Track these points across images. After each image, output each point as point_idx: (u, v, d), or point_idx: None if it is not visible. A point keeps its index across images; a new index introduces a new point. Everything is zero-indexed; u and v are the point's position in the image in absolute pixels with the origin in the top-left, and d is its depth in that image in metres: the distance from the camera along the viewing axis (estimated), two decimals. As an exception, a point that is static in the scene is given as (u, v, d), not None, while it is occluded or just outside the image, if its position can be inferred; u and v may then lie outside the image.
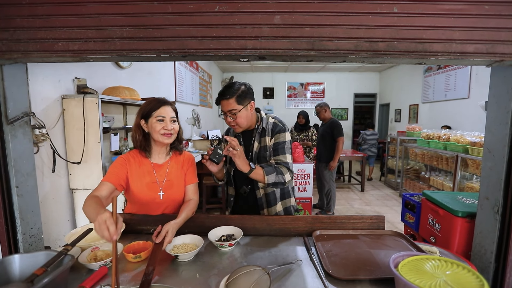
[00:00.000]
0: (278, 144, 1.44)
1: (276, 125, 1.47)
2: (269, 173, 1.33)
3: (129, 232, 1.23)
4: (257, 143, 1.46)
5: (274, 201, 1.47)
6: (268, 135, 1.45)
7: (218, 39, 1.17)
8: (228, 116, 1.38)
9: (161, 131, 1.27)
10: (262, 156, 1.45)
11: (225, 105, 1.37)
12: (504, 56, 1.13)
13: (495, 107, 1.30)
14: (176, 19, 1.18)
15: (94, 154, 1.91)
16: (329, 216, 1.21)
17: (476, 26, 1.14)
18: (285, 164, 1.41)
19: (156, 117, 1.27)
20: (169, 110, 1.31)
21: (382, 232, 1.16)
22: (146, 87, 3.35)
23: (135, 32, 1.21)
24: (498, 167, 1.28)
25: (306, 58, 1.17)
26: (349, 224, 1.21)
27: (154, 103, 1.31)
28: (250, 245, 1.13)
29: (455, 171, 3.37)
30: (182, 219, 1.19)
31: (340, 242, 1.09)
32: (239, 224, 1.21)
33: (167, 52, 1.19)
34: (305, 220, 1.22)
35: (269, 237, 1.21)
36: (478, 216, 1.38)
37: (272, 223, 1.22)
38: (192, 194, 1.39)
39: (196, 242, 1.09)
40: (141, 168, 1.32)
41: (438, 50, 1.15)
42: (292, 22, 1.14)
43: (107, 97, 1.97)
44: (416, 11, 1.13)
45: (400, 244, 1.09)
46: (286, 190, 1.54)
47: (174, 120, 1.32)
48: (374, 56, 1.15)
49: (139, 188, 1.30)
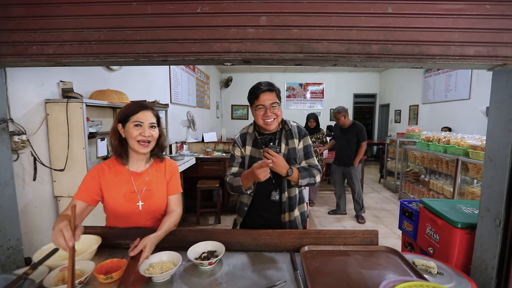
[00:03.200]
0: (307, 148, 1.48)
1: (301, 129, 1.51)
2: (303, 177, 1.35)
3: (106, 247, 1.15)
4: (284, 145, 1.44)
5: (294, 205, 1.46)
6: (295, 137, 1.46)
7: (200, 42, 1.09)
8: (269, 109, 1.34)
9: (137, 137, 1.18)
10: (291, 158, 1.43)
11: (270, 96, 1.35)
12: (506, 60, 1.06)
13: (496, 113, 1.22)
14: (155, 20, 1.11)
15: (79, 160, 1.84)
16: (319, 230, 1.14)
17: (476, 27, 1.06)
18: (317, 167, 1.46)
19: (134, 122, 1.18)
20: (148, 115, 1.22)
21: (375, 248, 1.09)
22: (138, 89, 3.28)
23: (113, 34, 1.13)
24: (500, 177, 1.20)
25: (294, 62, 1.10)
26: (339, 239, 1.13)
27: (133, 107, 1.22)
28: (233, 263, 1.06)
29: (456, 175, 3.29)
30: (163, 232, 1.12)
31: (329, 260, 1.01)
32: (223, 239, 1.14)
33: (147, 56, 1.12)
34: (293, 235, 1.14)
35: (254, 252, 1.13)
36: (479, 228, 1.31)
37: (258, 237, 1.15)
38: (174, 205, 1.30)
39: (174, 259, 1.01)
40: (118, 177, 1.24)
41: (435, 53, 1.07)
42: (279, 24, 1.07)
43: (93, 101, 1.90)
44: (412, 11, 1.06)
45: (393, 263, 1.01)
46: (301, 195, 1.54)
47: (154, 126, 1.23)
48: (367, 59, 1.08)
49: (115, 199, 1.21)
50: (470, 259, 1.37)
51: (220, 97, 9.05)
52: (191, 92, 5.48)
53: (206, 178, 3.79)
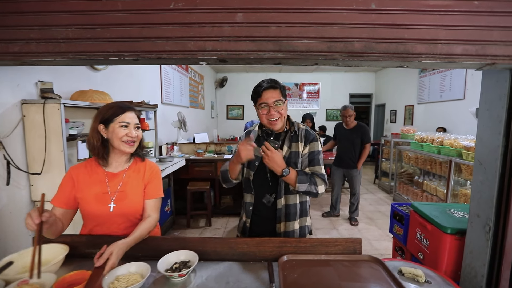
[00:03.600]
0: (314, 154, 1.36)
1: (309, 133, 1.39)
2: (301, 182, 1.25)
3: (75, 256, 1.09)
4: (287, 147, 1.36)
5: (293, 216, 1.35)
6: (300, 141, 1.36)
7: (173, 40, 1.03)
8: (273, 107, 1.28)
9: (123, 138, 1.18)
10: (292, 162, 1.34)
11: (273, 94, 1.28)
12: (495, 59, 1.01)
13: (486, 114, 1.18)
14: (126, 17, 1.05)
15: (57, 163, 1.77)
16: (299, 239, 1.08)
17: (464, 25, 1.01)
18: (322, 176, 1.32)
19: (120, 122, 1.18)
20: (133, 116, 1.23)
21: (358, 257, 1.03)
22: (126, 90, 3.20)
23: (81, 32, 1.07)
24: (490, 181, 1.15)
25: (272, 61, 1.04)
26: (321, 248, 1.07)
27: (116, 108, 1.21)
28: (207, 274, 0.99)
29: (449, 176, 3.25)
30: (133, 238, 1.06)
31: (309, 270, 0.95)
32: (199, 247, 1.08)
33: (117, 54, 1.06)
34: (272, 244, 1.08)
35: (231, 262, 1.07)
36: (468, 234, 1.26)
37: (235, 246, 1.09)
38: (151, 211, 1.24)
39: (142, 271, 0.95)
40: (92, 177, 1.22)
41: (421, 52, 1.02)
42: (256, 20, 1.01)
43: (72, 102, 1.83)
44: (396, 7, 1.00)
45: (376, 275, 0.95)
46: (304, 207, 1.43)
47: (138, 127, 1.24)
48: (350, 58, 1.02)
49: (86, 200, 1.18)
50: (460, 266, 1.33)
51: (215, 97, 8.98)
52: (184, 92, 5.41)
53: (197, 179, 3.72)
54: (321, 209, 4.38)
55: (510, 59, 0.99)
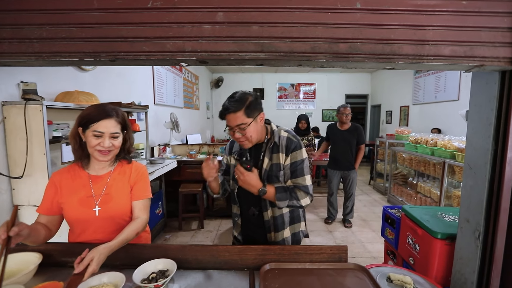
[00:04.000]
0: (296, 165, 1.27)
1: (291, 141, 1.28)
2: (280, 199, 1.20)
3: (49, 265, 1.04)
4: (268, 160, 1.28)
5: (282, 226, 1.32)
6: (281, 151, 1.27)
7: (151, 40, 0.99)
8: (236, 132, 1.19)
9: (96, 147, 1.12)
10: (274, 175, 1.27)
11: (232, 119, 1.18)
12: (484, 60, 0.98)
13: (476, 117, 1.15)
14: (103, 16, 1.00)
15: (40, 166, 1.72)
16: (283, 246, 1.05)
17: (452, 25, 0.97)
18: (304, 188, 1.25)
19: (93, 131, 1.10)
20: (110, 125, 1.13)
21: (344, 266, 1.00)
22: (116, 90, 3.13)
23: (56, 32, 1.02)
24: (479, 186, 1.13)
25: (254, 62, 1.00)
26: (306, 256, 1.04)
27: (93, 114, 1.13)
28: (186, 284, 0.95)
29: (442, 178, 3.23)
30: (118, 242, 1.01)
31: (291, 280, 0.92)
32: (179, 256, 1.03)
33: (93, 55, 1.02)
34: (254, 251, 1.04)
35: (212, 271, 1.03)
36: (458, 240, 1.23)
37: (216, 254, 1.05)
38: (139, 212, 1.19)
39: (117, 282, 0.90)
40: (75, 182, 1.17)
41: (408, 53, 0.99)
42: (237, 20, 0.97)
43: (55, 104, 1.77)
44: (382, 7, 0.97)
45: (361, 284, 0.92)
46: (296, 213, 1.38)
47: (116, 136, 1.15)
48: (334, 59, 0.99)
49: (70, 205, 1.14)
50: (450, 272, 1.30)
51: (210, 97, 8.93)
52: (178, 92, 5.36)
53: (189, 181, 3.68)
54: (314, 211, 4.34)
55: (498, 60, 0.97)
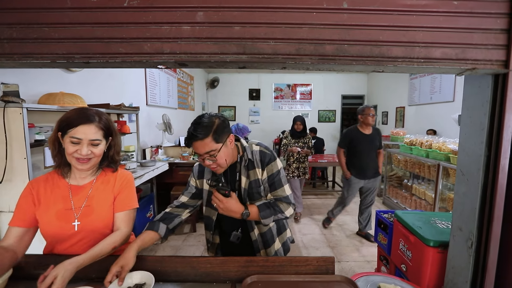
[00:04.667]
0: (273, 177, 1.24)
1: (264, 154, 1.25)
2: (265, 217, 1.15)
3: (22, 278, 0.98)
4: (245, 178, 1.23)
5: (271, 239, 1.28)
6: (258, 167, 1.23)
7: (128, 42, 0.94)
8: (206, 159, 1.12)
9: (74, 154, 1.03)
10: (254, 192, 1.23)
11: (200, 147, 1.09)
12: (476, 63, 0.93)
13: (468, 122, 1.11)
14: (76, 16, 0.95)
15: (20, 171, 1.66)
16: (267, 258, 1.00)
17: (443, 27, 0.93)
18: (285, 199, 1.22)
19: (70, 137, 1.02)
20: (89, 131, 1.04)
21: (331, 278, 0.95)
22: (106, 92, 3.07)
23: (27, 32, 0.97)
24: (472, 193, 1.09)
25: (236, 65, 0.95)
26: (291, 267, 0.99)
27: (72, 118, 1.05)
28: (163, 299, 0.90)
29: (437, 180, 3.20)
30: (88, 257, 0.94)
31: (275, 294, 0.87)
32: (158, 267, 0.99)
33: (67, 56, 0.96)
34: (237, 263, 0.99)
35: (192, 283, 0.98)
36: (451, 248, 1.19)
37: (197, 266, 1.00)
38: (121, 224, 1.11)
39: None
40: (54, 192, 1.09)
41: (398, 55, 0.94)
42: (218, 20, 0.92)
43: (37, 106, 1.72)
44: (371, 7, 0.93)
45: (348, 298, 0.87)
46: (282, 223, 1.36)
47: (97, 144, 1.06)
48: (320, 61, 0.94)
49: (47, 218, 1.05)
50: (443, 280, 1.26)
51: (206, 98, 8.87)
52: (172, 93, 5.30)
53: (182, 184, 3.61)
54: (310, 216, 4.29)
55: (491, 63, 0.93)
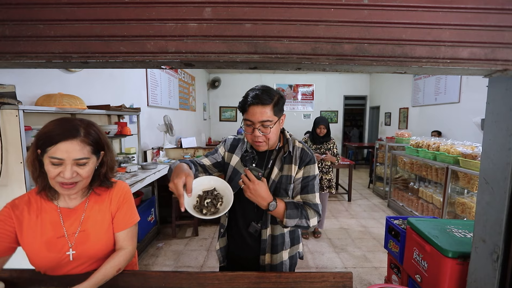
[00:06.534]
0: (308, 180, 1.15)
1: (306, 154, 1.17)
2: (290, 217, 1.04)
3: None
4: (278, 170, 1.14)
5: (281, 246, 1.18)
6: (295, 163, 1.15)
7: (130, 40, 0.87)
8: (257, 129, 1.04)
9: (56, 178, 0.87)
10: (282, 188, 1.14)
11: (258, 113, 1.03)
12: (508, 64, 0.86)
13: (493, 127, 1.03)
14: (74, 12, 0.88)
15: (16, 176, 1.59)
16: (280, 274, 0.93)
17: (471, 24, 0.86)
18: (315, 207, 1.12)
19: (50, 157, 0.85)
20: (73, 148, 0.86)
21: (349, 297, 0.88)
22: (106, 92, 3.00)
23: (20, 29, 0.90)
24: (497, 203, 1.01)
25: (247, 65, 0.88)
26: (305, 284, 0.92)
27: (50, 133, 0.87)
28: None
29: (445, 184, 3.12)
30: (91, 284, 0.86)
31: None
32: (162, 284, 0.91)
33: (64, 56, 0.89)
34: (247, 279, 0.93)
35: (199, 303, 0.91)
36: (473, 261, 1.12)
37: (204, 282, 0.93)
38: (123, 242, 1.01)
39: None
40: (40, 217, 0.94)
41: (422, 55, 0.87)
42: (227, 17, 0.85)
43: (34, 108, 1.65)
44: (393, 3, 0.85)
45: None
46: (297, 234, 1.27)
47: (83, 163, 0.89)
48: (338, 62, 0.87)
49: (35, 250, 0.92)
50: (463, 294, 1.18)
51: (207, 98, 8.80)
52: (173, 94, 5.23)
53: (184, 186, 3.54)
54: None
55: (524, 64, 0.85)
